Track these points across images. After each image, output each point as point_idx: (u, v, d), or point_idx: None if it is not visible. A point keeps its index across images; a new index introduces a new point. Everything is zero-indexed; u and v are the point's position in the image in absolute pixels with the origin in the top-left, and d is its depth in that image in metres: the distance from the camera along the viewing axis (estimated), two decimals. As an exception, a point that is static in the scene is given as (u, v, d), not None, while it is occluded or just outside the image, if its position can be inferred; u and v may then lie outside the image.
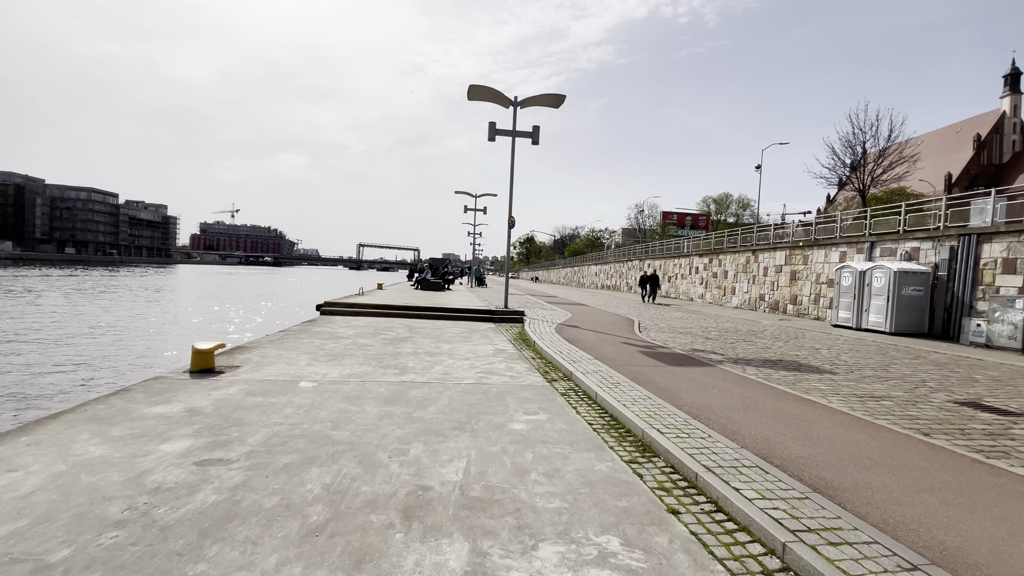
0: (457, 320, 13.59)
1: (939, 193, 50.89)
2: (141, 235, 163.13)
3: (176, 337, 16.10)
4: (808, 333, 13.76)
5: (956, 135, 67.08)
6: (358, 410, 4.73)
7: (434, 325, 12.13)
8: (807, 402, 5.62)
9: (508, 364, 7.54)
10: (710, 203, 70.54)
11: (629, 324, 13.89)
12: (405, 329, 11.04)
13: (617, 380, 6.26)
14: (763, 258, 23.09)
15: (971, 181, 59.93)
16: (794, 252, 20.90)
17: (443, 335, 10.39)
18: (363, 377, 6.13)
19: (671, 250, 34.79)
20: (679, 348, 9.68)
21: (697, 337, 11.69)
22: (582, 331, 11.64)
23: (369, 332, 10.25)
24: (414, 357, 7.68)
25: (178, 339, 15.67)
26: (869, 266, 15.31)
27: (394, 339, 9.47)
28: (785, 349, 10.29)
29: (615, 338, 10.64)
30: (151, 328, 17.66)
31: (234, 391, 5.16)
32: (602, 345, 9.44)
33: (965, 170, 61.38)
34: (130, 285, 42.77)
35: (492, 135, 14.86)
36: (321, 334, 9.62)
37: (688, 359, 8.28)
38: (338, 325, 11.13)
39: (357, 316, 13.24)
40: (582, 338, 10.34)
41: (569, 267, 68.63)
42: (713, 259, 27.81)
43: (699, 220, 52.02)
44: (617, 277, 45.70)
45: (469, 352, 8.42)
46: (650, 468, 3.67)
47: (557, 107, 15.02)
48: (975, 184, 57.78)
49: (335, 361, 7.04)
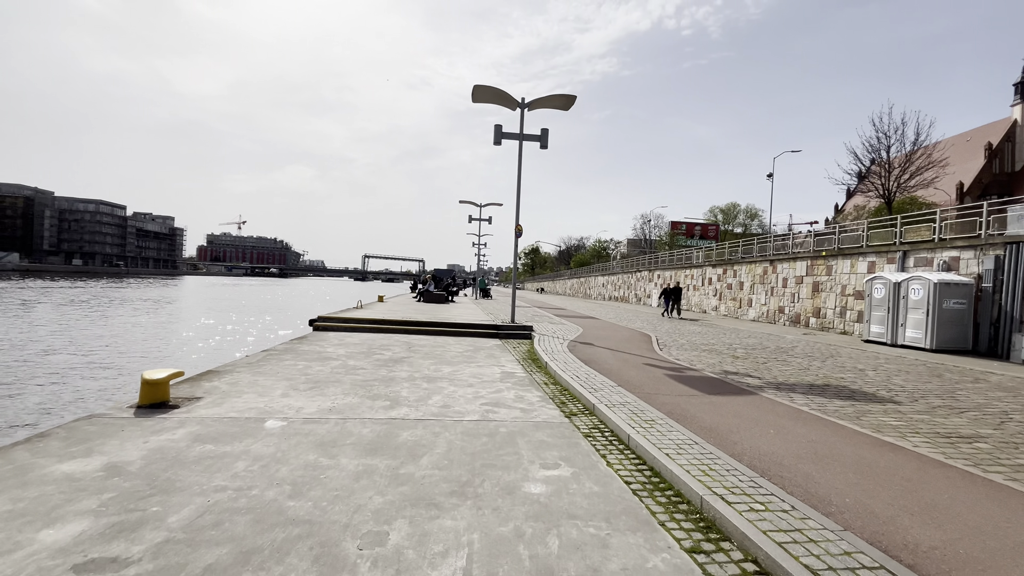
0: (460, 336, 12.58)
1: (952, 202, 49.61)
2: (148, 247, 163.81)
3: (157, 355, 15.09)
4: (841, 350, 12.63)
5: (967, 144, 65.96)
6: (330, 464, 3.71)
7: (435, 342, 11.12)
8: (888, 447, 4.54)
9: (518, 392, 6.50)
10: (717, 213, 69.51)
11: (647, 340, 12.83)
12: (403, 348, 10.04)
13: (650, 416, 5.21)
14: (782, 269, 21.98)
15: (983, 190, 58.72)
16: (816, 262, 19.79)
17: (444, 355, 9.37)
18: (345, 412, 5.12)
19: (682, 261, 33.72)
20: (709, 370, 8.61)
21: (724, 356, 10.61)
22: (597, 349, 10.59)
23: (362, 351, 9.25)
24: (409, 384, 6.66)
25: (158, 357, 14.67)
26: (904, 277, 14.20)
27: (389, 360, 8.46)
28: (825, 370, 9.19)
29: (635, 358, 9.58)
30: (134, 344, 16.71)
31: (180, 435, 4.16)
32: (623, 367, 8.39)
33: (977, 179, 60.13)
34: (130, 297, 42.13)
35: (498, 139, 13.97)
36: (308, 354, 8.63)
37: (724, 385, 7.21)
38: (329, 343, 10.15)
39: (352, 332, 12.26)
40: (599, 358, 9.29)
41: (575, 278, 67.59)
42: (727, 270, 26.70)
43: (708, 230, 50.96)
44: (625, 288, 44.60)
45: (473, 376, 7.40)
46: (725, 565, 2.62)
47: (567, 109, 14.13)
48: (987, 193, 56.52)
49: (316, 390, 6.04)
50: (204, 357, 14.16)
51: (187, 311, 32.36)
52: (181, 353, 15.09)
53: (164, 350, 15.55)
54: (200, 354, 14.83)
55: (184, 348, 16.08)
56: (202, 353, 15.21)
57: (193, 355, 14.75)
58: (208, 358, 13.88)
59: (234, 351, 15.57)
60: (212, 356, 14.57)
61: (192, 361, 13.60)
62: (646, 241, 75.20)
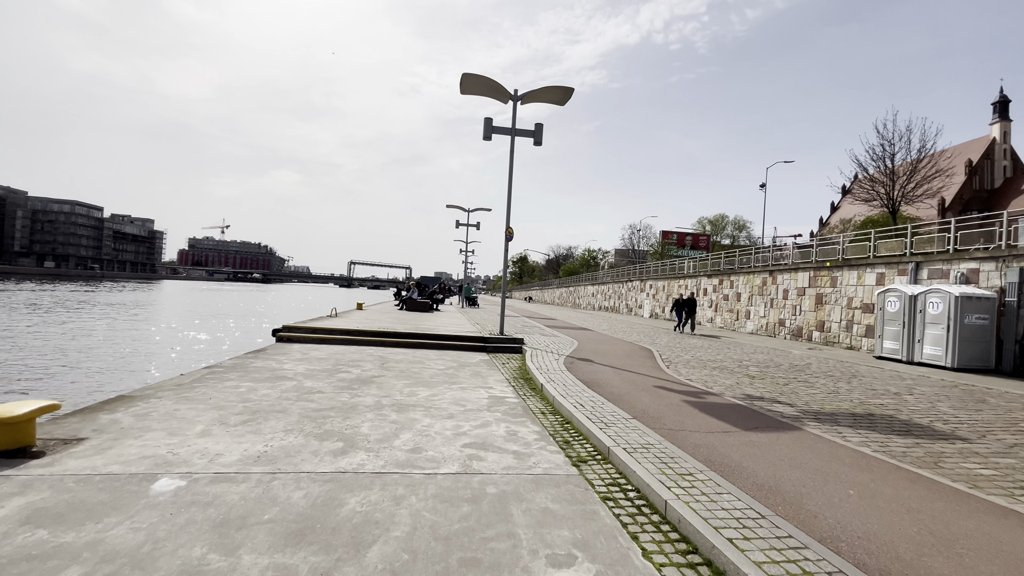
0: (443, 349, 11.26)
1: (934, 218, 49.79)
2: (125, 249, 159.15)
3: (89, 368, 12.95)
4: (859, 368, 11.58)
5: (947, 161, 66.92)
6: (222, 566, 2.39)
7: (413, 357, 9.78)
8: (1015, 515, 3.37)
9: (510, 426, 5.22)
10: (706, 224, 69.28)
11: (649, 356, 11.64)
12: (375, 364, 8.69)
13: (686, 466, 3.97)
14: (783, 279, 21.08)
15: (964, 206, 59.44)
16: (819, 273, 18.90)
17: (422, 373, 8.05)
18: (278, 462, 3.79)
19: (676, 271, 32.83)
20: (728, 394, 7.42)
21: (737, 375, 9.46)
22: (597, 367, 9.35)
23: (325, 369, 7.89)
24: (374, 415, 5.34)
25: (88, 372, 12.51)
26: (922, 290, 13.27)
27: (355, 381, 7.12)
28: (857, 394, 8.07)
29: (642, 378, 8.36)
30: (70, 355, 14.82)
31: (8, 511, 2.80)
32: (631, 390, 7.15)
33: (958, 195, 60.84)
34: (97, 301, 39.89)
35: (488, 133, 12.79)
36: (258, 372, 7.25)
37: (756, 416, 6.01)
38: (290, 357, 8.76)
39: (320, 344, 10.86)
40: (602, 378, 8.05)
41: (564, 287, 66.59)
42: (724, 280, 25.79)
43: (699, 240, 50.41)
44: (616, 299, 43.62)
45: (455, 403, 6.10)
46: None
47: (563, 104, 13.00)
48: (968, 209, 57.18)
49: (251, 424, 4.69)
50: (144, 373, 12.51)
51: (154, 317, 30.45)
52: (121, 366, 13.39)
53: (103, 363, 13.78)
54: (144, 368, 13.16)
55: (129, 361, 14.37)
56: (148, 367, 13.55)
57: (134, 369, 13.04)
58: (146, 375, 12.28)
59: (190, 364, 13.98)
60: (157, 370, 12.97)
61: (129, 376, 11.94)
62: (634, 251, 74.71)
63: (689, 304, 20.81)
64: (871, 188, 26.10)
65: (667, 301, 32.72)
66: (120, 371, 12.51)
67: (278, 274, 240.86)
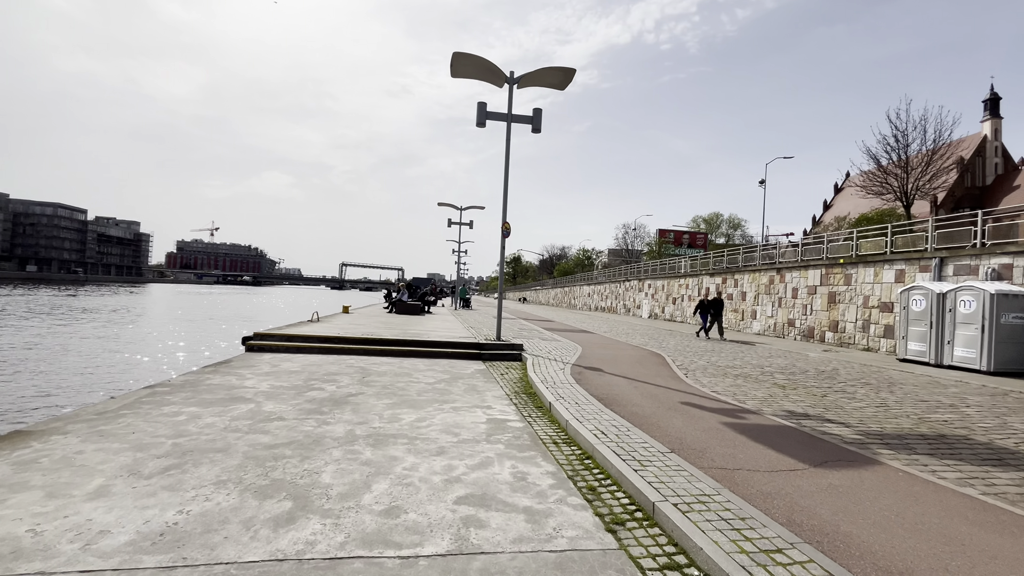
0: (434, 358, 10.10)
1: (926, 215, 49.29)
2: (110, 252, 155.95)
3: (10, 389, 11.08)
4: (888, 374, 10.58)
5: (937, 158, 66.79)
6: None
7: (400, 368, 8.62)
8: None
9: (516, 465, 4.09)
10: (700, 222, 68.54)
11: (661, 363, 10.56)
12: (354, 377, 7.52)
13: (767, 534, 2.86)
14: (791, 278, 20.13)
15: (956, 203, 59.25)
16: (832, 271, 17.96)
17: (408, 389, 6.89)
18: (187, 543, 2.62)
19: (676, 270, 31.86)
20: (768, 410, 6.34)
21: (764, 384, 8.40)
22: (609, 377, 8.24)
23: (295, 386, 6.71)
24: (342, 452, 4.18)
25: (5, 394, 10.68)
26: (951, 287, 12.31)
27: (328, 400, 5.95)
28: (908, 407, 7.03)
29: (663, 392, 7.26)
30: (7, 367, 13.28)
31: None
32: (656, 409, 6.05)
33: (950, 192, 60.71)
34: (72, 306, 38.22)
35: (482, 119, 11.67)
36: (212, 392, 6.06)
37: (814, 442, 4.93)
38: (256, 371, 7.56)
39: (296, 353, 9.66)
40: (618, 393, 6.93)
41: (559, 287, 65.59)
42: (727, 279, 24.84)
43: (696, 238, 49.60)
44: (613, 299, 42.63)
45: (446, 431, 4.96)
46: None
47: (563, 87, 11.92)
48: (960, 206, 56.97)
49: (171, 474, 3.52)
50: (80, 393, 11.00)
51: (127, 323, 28.96)
52: (59, 384, 11.79)
53: (42, 380, 12.18)
54: (85, 386, 11.64)
55: (72, 377, 12.77)
56: (92, 384, 12.09)
57: (70, 387, 11.44)
58: (81, 395, 10.87)
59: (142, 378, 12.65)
60: (101, 388, 11.58)
61: (61, 396, 10.44)
62: (628, 251, 73.93)
63: (716, 306, 18.30)
64: (884, 181, 25.25)
65: (667, 301, 31.76)
66: (57, 390, 11.05)
67: (269, 276, 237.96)
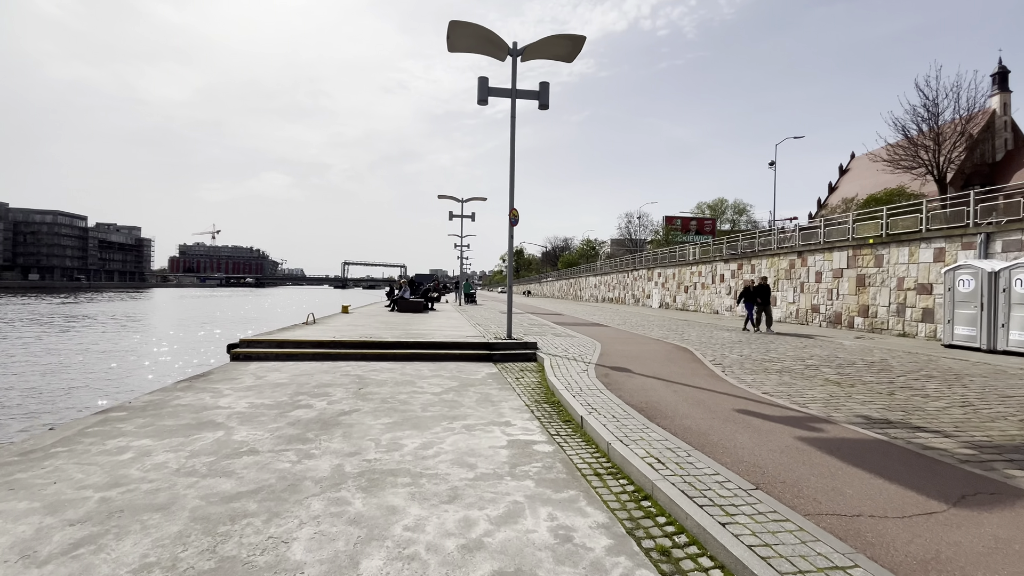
0: (440, 360, 9.10)
1: (935, 193, 47.87)
2: (112, 259, 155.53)
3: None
4: (943, 363, 9.51)
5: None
6: None
7: (402, 375, 7.62)
8: None
9: (555, 515, 3.08)
10: (704, 208, 67.17)
11: (691, 358, 9.52)
12: (349, 389, 6.52)
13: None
14: (814, 261, 19.01)
15: (966, 180, 57.71)
16: (860, 252, 16.83)
17: (412, 402, 5.89)
18: None
19: (688, 256, 30.73)
20: (840, 416, 5.30)
21: (814, 381, 7.36)
22: (640, 379, 7.22)
23: (278, 403, 5.71)
24: (324, 504, 3.17)
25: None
26: (1005, 265, 11.20)
27: (315, 422, 4.96)
28: (999, 406, 5.98)
29: (708, 395, 6.22)
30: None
31: None
32: (710, 420, 5.02)
33: (959, 170, 59.21)
34: (65, 313, 37.44)
35: (483, 95, 10.57)
36: (176, 416, 5.07)
37: (927, 464, 3.89)
38: (236, 385, 6.58)
39: (286, 361, 8.67)
40: (657, 400, 5.90)
41: (563, 279, 64.51)
42: (743, 264, 23.72)
43: (704, 224, 48.35)
44: (621, 289, 41.54)
45: (458, 461, 3.95)
46: None
47: (571, 59, 10.82)
48: (970, 183, 55.41)
49: (77, 556, 2.51)
50: (26, 416, 9.94)
51: (119, 330, 28.09)
52: (15, 404, 10.86)
53: (11, 389, 11.34)
54: (41, 407, 10.59)
55: (32, 396, 11.67)
56: (50, 404, 11.05)
57: (22, 411, 10.42)
58: (25, 420, 9.87)
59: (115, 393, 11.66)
60: (59, 409, 10.52)
61: (8, 423, 9.47)
62: (632, 240, 72.76)
63: (762, 293, 15.49)
64: (915, 154, 23.97)
65: (678, 290, 30.67)
66: (9, 412, 10.05)
67: (272, 277, 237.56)
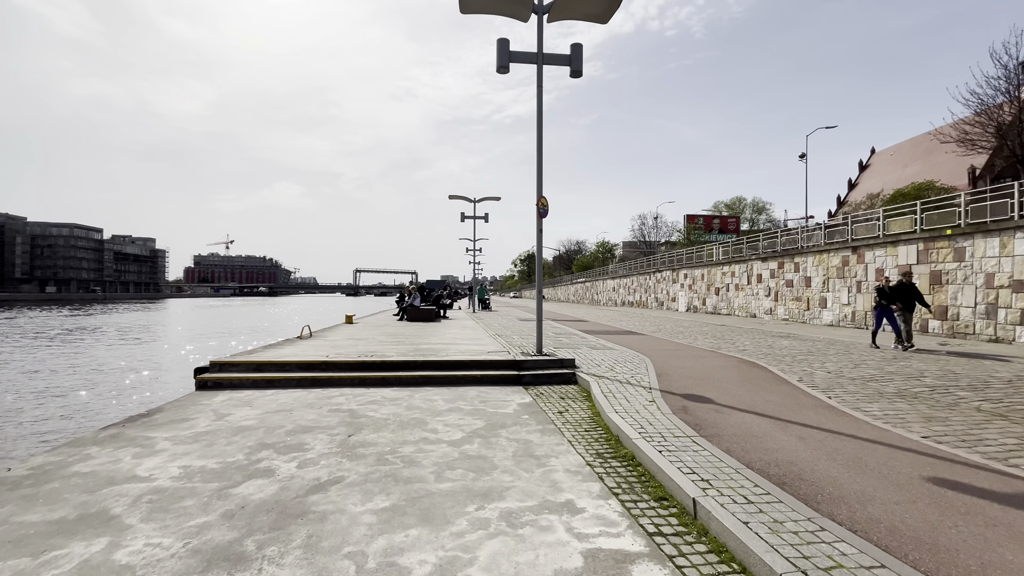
0: (456, 385, 7.25)
1: (965, 187, 45.06)
2: (128, 270, 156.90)
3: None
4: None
5: (973, 127, 62.08)
6: None
7: (408, 408, 5.78)
8: None
9: None
10: (722, 208, 64.93)
11: (773, 378, 7.55)
12: (334, 437, 4.69)
13: None
14: (873, 256, 16.86)
15: (997, 174, 54.74)
16: (935, 244, 14.68)
17: (421, 461, 4.03)
18: None
19: (715, 256, 28.60)
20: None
21: (977, 416, 5.37)
22: (733, 415, 5.29)
23: (225, 468, 3.89)
24: None
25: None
26: None
27: (265, 510, 3.12)
28: None
29: (853, 445, 4.27)
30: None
31: None
32: (899, 502, 3.08)
33: (989, 162, 56.25)
34: (70, 326, 36.41)
35: (504, 60, 8.78)
36: (61, 496, 3.28)
37: None
38: (178, 434, 4.79)
39: (264, 389, 6.89)
40: (791, 457, 3.96)
41: (579, 283, 62.46)
42: (785, 263, 21.58)
43: (728, 223, 46.16)
44: (642, 292, 39.42)
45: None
46: None
47: (606, 20, 9.08)
48: (1001, 177, 52.44)
49: None
50: None
51: (120, 341, 26.74)
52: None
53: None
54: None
55: None
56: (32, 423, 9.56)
57: None
58: None
59: (44, 433, 9.99)
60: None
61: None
62: (646, 242, 70.72)
63: (907, 294, 10.95)
64: (996, 130, 21.68)
65: (707, 292, 28.51)
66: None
67: (284, 286, 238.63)
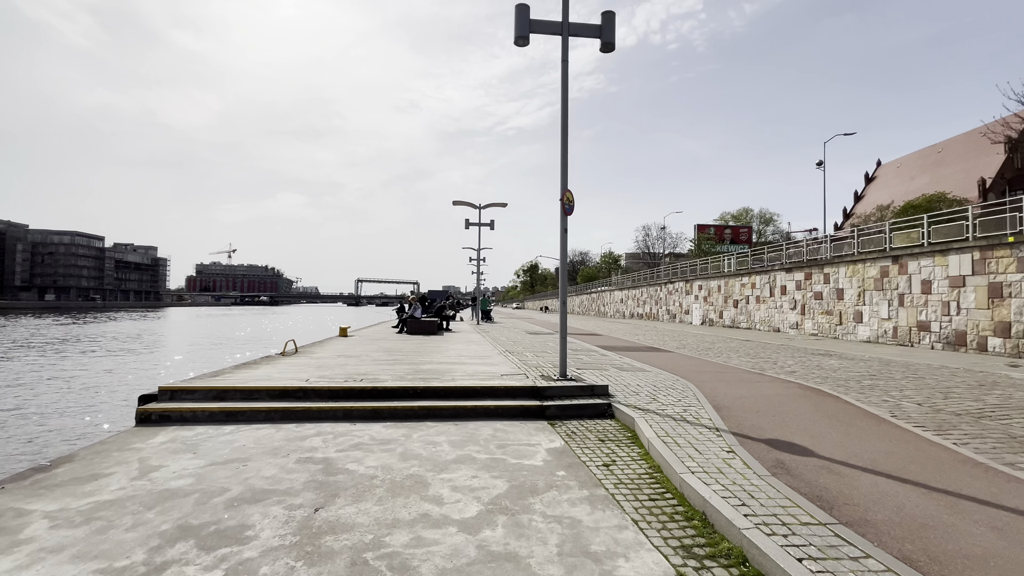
0: (463, 419, 5.78)
1: (976, 199, 43.64)
2: (128, 278, 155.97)
3: None
4: None
5: (981, 139, 61.12)
6: None
7: (403, 457, 4.30)
8: None
9: None
10: (728, 219, 63.77)
11: (858, 412, 6.05)
12: (293, 512, 3.21)
13: None
14: (918, 267, 15.40)
15: (1007, 185, 53.51)
16: (994, 253, 13.22)
17: (419, 571, 2.57)
18: None
19: (724, 268, 27.13)
20: None
21: None
22: (861, 479, 3.79)
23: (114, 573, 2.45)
24: None
25: None
26: None
27: None
28: None
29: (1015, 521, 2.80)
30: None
31: None
32: None
33: (999, 174, 55.04)
34: (58, 336, 35.01)
35: (523, 31, 7.44)
36: None
37: None
38: (75, 501, 3.33)
39: (222, 424, 5.43)
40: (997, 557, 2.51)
41: (585, 294, 60.95)
42: (813, 274, 20.11)
43: (740, 233, 44.79)
44: (652, 304, 37.91)
45: None
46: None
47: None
48: (1012, 189, 51.21)
49: None
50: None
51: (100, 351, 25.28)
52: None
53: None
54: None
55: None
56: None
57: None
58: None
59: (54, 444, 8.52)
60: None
61: None
62: (650, 254, 69.49)
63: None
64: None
65: (724, 304, 27.01)
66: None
67: (286, 296, 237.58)
